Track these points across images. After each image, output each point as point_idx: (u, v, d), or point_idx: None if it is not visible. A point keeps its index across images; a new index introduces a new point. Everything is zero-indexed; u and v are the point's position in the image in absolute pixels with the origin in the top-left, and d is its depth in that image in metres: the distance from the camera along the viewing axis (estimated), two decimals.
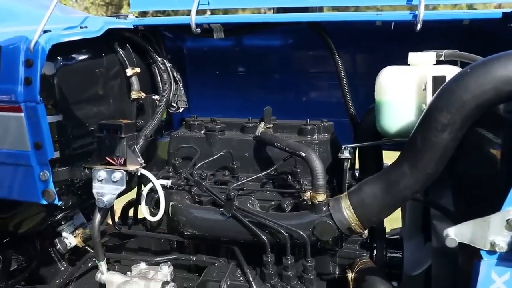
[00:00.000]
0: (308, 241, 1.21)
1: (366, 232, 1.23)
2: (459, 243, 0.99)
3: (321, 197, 1.20)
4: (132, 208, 1.63)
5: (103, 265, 1.36)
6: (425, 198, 1.27)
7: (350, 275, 1.34)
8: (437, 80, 1.13)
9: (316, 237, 1.21)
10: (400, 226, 1.87)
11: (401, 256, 1.44)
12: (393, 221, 1.47)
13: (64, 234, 1.49)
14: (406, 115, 1.20)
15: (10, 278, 1.67)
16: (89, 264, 1.59)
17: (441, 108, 1.01)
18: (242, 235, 1.27)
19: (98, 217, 1.33)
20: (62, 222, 1.50)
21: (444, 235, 1.00)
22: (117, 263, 1.53)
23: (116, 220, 1.59)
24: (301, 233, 1.20)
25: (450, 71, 1.12)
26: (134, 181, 1.53)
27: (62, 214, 1.44)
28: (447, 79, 1.07)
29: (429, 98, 1.14)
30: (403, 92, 1.20)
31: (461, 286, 1.10)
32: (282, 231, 1.21)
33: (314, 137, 1.42)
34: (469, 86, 0.95)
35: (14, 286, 1.64)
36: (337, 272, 1.41)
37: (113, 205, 1.51)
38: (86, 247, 1.57)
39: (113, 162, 1.29)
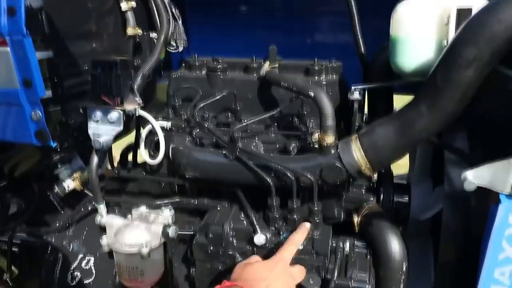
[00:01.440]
0: (315, 184, 1.14)
1: (375, 175, 1.16)
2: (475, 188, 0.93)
3: (330, 139, 1.12)
4: (131, 153, 1.56)
5: (102, 208, 1.30)
6: (439, 141, 1.19)
7: (356, 219, 1.29)
8: (462, 13, 1.02)
9: (324, 180, 1.14)
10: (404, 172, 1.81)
11: (408, 201, 1.39)
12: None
13: (61, 177, 1.43)
14: (424, 52, 1.10)
15: (10, 221, 1.63)
16: (89, 208, 1.54)
17: (467, 42, 0.91)
18: (245, 177, 1.20)
19: (95, 159, 1.26)
20: (59, 165, 1.43)
21: (462, 178, 0.94)
22: (117, 206, 1.48)
23: (116, 165, 1.52)
24: (308, 176, 1.13)
25: (476, 3, 1.01)
26: (132, 124, 1.45)
27: (58, 156, 1.36)
28: (474, 12, 0.97)
29: (452, 33, 1.03)
30: (422, 27, 1.09)
31: (474, 231, 1.04)
32: (288, 174, 1.14)
33: (321, 77, 1.32)
34: (502, 15, 0.84)
35: (14, 229, 1.59)
36: (342, 217, 1.36)
37: (111, 149, 1.44)
38: (85, 191, 1.51)
39: (109, 101, 1.20)
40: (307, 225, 1.18)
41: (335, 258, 1.18)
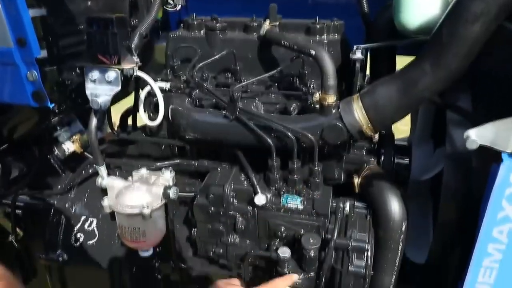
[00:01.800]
0: (316, 145, 1.13)
1: (377, 136, 1.15)
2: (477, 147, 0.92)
3: (331, 99, 1.10)
4: (131, 117, 1.55)
5: (102, 170, 1.30)
6: (441, 100, 1.17)
7: (357, 180, 1.28)
8: None
9: (324, 141, 1.13)
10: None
11: (408, 162, 1.38)
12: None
13: (61, 140, 1.42)
14: (429, 8, 1.06)
15: (12, 185, 1.63)
16: (90, 171, 1.54)
17: None
18: (246, 138, 1.19)
19: (94, 120, 1.24)
20: (58, 128, 1.41)
21: (464, 137, 0.92)
22: (118, 169, 1.48)
23: (116, 129, 1.51)
24: (309, 136, 1.12)
25: None
26: (131, 86, 1.43)
27: (56, 118, 1.35)
28: None
29: None
30: None
31: (474, 191, 1.04)
32: (289, 134, 1.13)
33: (323, 36, 1.28)
34: None
35: (17, 192, 1.60)
36: (342, 178, 1.36)
37: (110, 113, 1.42)
38: (86, 153, 1.51)
39: (106, 60, 1.17)
40: (294, 277, 1.18)
41: (335, 219, 1.18)
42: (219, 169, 1.32)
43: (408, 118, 1.30)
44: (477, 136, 0.91)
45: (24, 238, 1.66)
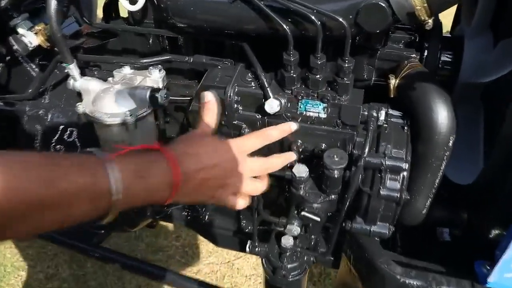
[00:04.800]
0: (349, 32, 0.82)
1: (431, 21, 0.83)
2: None
3: None
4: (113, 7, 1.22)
5: (73, 70, 1.01)
6: None
7: (393, 82, 0.99)
8: None
9: (360, 27, 0.82)
10: None
11: (452, 58, 1.07)
12: None
13: (20, 30, 1.10)
14: None
15: None
16: (65, 70, 1.24)
17: None
18: (254, 24, 0.87)
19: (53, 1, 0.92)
20: (14, 15, 1.09)
21: None
22: (97, 68, 1.19)
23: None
24: (340, 19, 0.80)
25: None
26: None
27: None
28: None
29: None
30: None
31: None
32: (312, 17, 0.81)
33: None
34: None
35: None
36: (373, 79, 1.07)
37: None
38: (55, 49, 1.20)
39: None
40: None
41: (367, 131, 0.91)
42: (219, 66, 1.02)
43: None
44: None
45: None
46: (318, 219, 0.97)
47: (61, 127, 1.23)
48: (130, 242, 2.44)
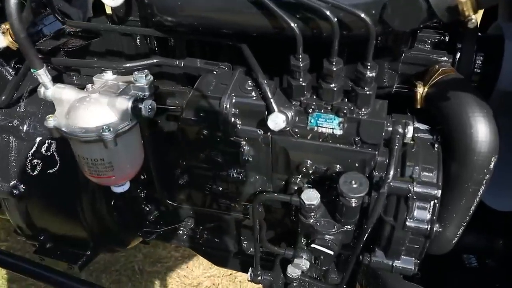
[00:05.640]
0: (373, 32, 0.65)
1: (473, 17, 0.66)
2: None
3: None
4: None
5: (43, 76, 0.85)
6: None
7: (421, 90, 0.83)
8: None
9: (385, 24, 0.65)
10: None
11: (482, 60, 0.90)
12: None
13: None
14: None
15: None
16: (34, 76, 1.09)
17: None
18: (255, 21, 0.71)
19: None
20: None
21: None
22: (75, 73, 1.03)
23: None
24: (362, 16, 0.64)
25: None
26: None
27: None
28: None
29: None
30: None
31: None
32: (328, 13, 0.65)
33: None
34: None
35: None
36: (395, 85, 0.90)
37: None
38: None
39: None
40: None
41: (390, 149, 0.75)
42: (215, 71, 0.86)
43: None
44: None
45: None
46: (331, 252, 0.81)
47: (38, 139, 1.08)
48: (127, 252, 2.29)
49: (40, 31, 1.12)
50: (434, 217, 0.77)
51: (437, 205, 0.76)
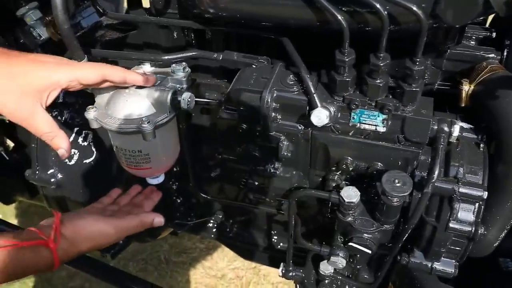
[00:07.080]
0: (425, 25, 0.62)
1: None
2: None
3: None
4: None
5: None
6: None
7: (467, 88, 0.79)
8: None
9: (438, 18, 0.62)
10: None
11: None
12: None
13: (28, 21, 0.95)
14: None
15: None
16: None
17: None
18: (300, 13, 0.68)
19: None
20: (22, 3, 0.94)
21: None
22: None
23: None
24: (414, 9, 0.61)
25: None
26: None
27: None
28: None
29: None
30: None
31: None
32: (378, 6, 0.62)
33: None
34: None
35: None
36: (437, 83, 0.86)
37: None
38: None
39: None
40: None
41: (436, 149, 0.72)
42: (255, 64, 0.84)
43: None
44: None
45: (18, 150, 1.30)
46: (368, 251, 0.79)
47: (76, 129, 1.08)
48: (153, 242, 2.30)
49: (78, 23, 1.12)
50: (479, 219, 0.73)
51: (482, 207, 0.73)
